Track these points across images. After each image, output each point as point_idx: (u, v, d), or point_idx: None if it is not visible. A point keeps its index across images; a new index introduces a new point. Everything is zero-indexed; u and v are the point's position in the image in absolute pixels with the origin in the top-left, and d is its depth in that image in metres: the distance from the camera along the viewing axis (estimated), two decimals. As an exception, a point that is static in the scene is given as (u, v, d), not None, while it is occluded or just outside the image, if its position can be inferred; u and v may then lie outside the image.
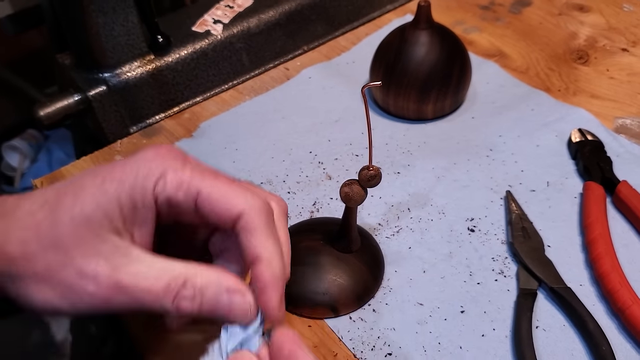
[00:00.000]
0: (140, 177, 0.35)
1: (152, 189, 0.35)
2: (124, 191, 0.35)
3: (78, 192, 0.35)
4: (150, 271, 0.34)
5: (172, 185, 0.35)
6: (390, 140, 0.63)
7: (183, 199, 0.36)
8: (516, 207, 0.55)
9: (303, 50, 0.77)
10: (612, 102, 0.66)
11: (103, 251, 0.34)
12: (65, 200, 0.35)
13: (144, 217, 0.36)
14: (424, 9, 0.62)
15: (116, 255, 0.34)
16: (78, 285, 0.33)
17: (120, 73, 0.64)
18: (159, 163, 0.36)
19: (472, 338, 0.46)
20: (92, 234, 0.34)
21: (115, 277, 0.34)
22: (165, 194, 0.35)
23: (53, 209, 0.35)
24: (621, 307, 0.46)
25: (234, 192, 0.36)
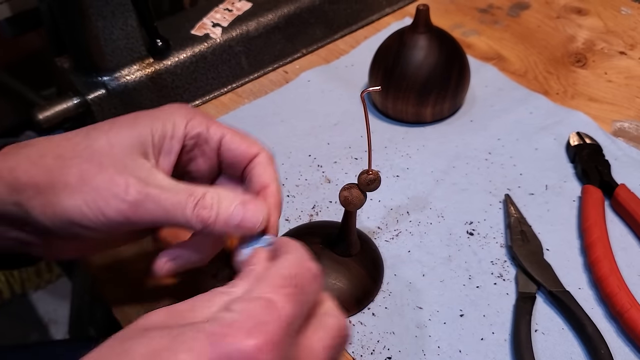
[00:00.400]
0: (173, 115, 0.41)
1: (184, 124, 0.41)
2: (157, 124, 0.40)
3: (113, 123, 0.40)
4: (174, 186, 0.39)
5: (202, 125, 0.42)
6: (389, 143, 0.64)
7: (211, 136, 0.42)
8: (515, 211, 0.55)
9: (302, 53, 0.77)
10: (610, 106, 0.66)
11: (133, 168, 0.38)
12: (102, 127, 0.40)
13: (170, 147, 0.41)
14: (422, 12, 0.62)
15: (145, 173, 0.39)
16: (109, 192, 0.37)
17: (119, 76, 0.65)
18: (188, 111, 0.42)
19: (471, 342, 0.46)
20: (124, 154, 0.39)
21: (143, 187, 0.38)
22: (196, 130, 0.42)
23: (88, 133, 0.40)
24: (619, 310, 0.46)
25: (249, 138, 0.44)
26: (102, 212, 0.37)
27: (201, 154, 0.44)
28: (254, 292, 0.32)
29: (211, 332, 0.29)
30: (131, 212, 0.37)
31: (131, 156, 0.39)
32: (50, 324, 1.42)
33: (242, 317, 0.30)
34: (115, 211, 0.37)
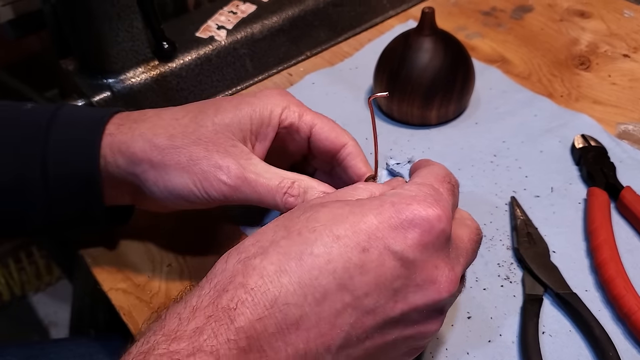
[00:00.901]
0: (270, 103, 0.46)
1: (279, 113, 0.46)
2: (255, 111, 0.45)
3: (218, 107, 0.46)
4: (268, 172, 0.44)
5: (295, 115, 0.47)
6: (394, 145, 0.64)
7: (303, 127, 0.47)
8: (521, 213, 0.55)
9: (306, 56, 0.77)
10: (614, 108, 0.66)
11: (234, 153, 0.44)
12: (208, 112, 0.45)
13: (265, 134, 0.46)
14: (428, 15, 0.62)
15: (244, 158, 0.44)
16: (213, 175, 0.43)
17: (124, 79, 0.65)
18: (283, 98, 0.47)
19: (479, 344, 0.46)
20: (227, 139, 0.44)
21: (242, 172, 0.43)
22: (289, 119, 0.47)
23: (196, 117, 0.45)
24: (627, 312, 0.46)
25: (338, 128, 0.48)
26: (206, 192, 0.43)
27: (292, 140, 0.49)
28: (420, 181, 0.38)
29: (396, 201, 0.35)
30: (230, 193, 0.43)
31: (232, 142, 0.44)
32: (51, 326, 1.42)
33: (420, 194, 0.36)
34: (217, 191, 0.43)
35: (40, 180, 0.45)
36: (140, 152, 0.44)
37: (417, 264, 0.34)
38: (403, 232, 0.34)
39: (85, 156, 0.45)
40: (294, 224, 0.35)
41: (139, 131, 0.45)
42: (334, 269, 0.33)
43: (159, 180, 0.44)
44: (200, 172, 0.43)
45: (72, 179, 0.45)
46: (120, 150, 0.45)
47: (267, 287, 0.32)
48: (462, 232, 0.39)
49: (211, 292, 0.33)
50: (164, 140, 0.44)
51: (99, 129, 0.45)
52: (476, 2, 0.84)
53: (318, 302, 0.33)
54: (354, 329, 0.34)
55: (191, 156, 0.43)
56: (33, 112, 0.47)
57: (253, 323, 0.31)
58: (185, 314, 0.32)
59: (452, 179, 0.40)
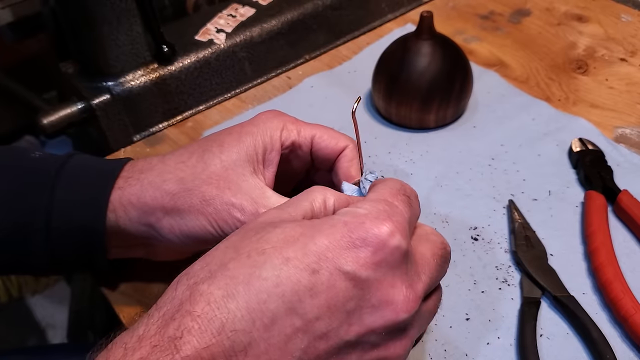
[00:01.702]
0: (268, 129, 0.45)
1: (279, 136, 0.46)
2: (258, 140, 0.45)
3: (222, 144, 0.45)
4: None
5: (294, 132, 0.47)
6: (392, 149, 0.64)
7: (304, 141, 0.47)
8: (519, 216, 0.55)
9: (305, 59, 0.77)
10: (611, 112, 0.67)
11: (246, 188, 0.43)
12: (213, 150, 0.44)
13: (271, 159, 0.46)
14: (426, 19, 0.62)
15: (256, 193, 0.43)
16: (227, 213, 0.42)
17: (124, 82, 0.65)
18: (279, 120, 0.47)
19: (477, 346, 0.47)
20: (236, 175, 0.43)
21: (256, 208, 0.42)
22: (290, 139, 0.46)
23: (202, 156, 0.44)
24: (624, 315, 0.46)
25: (335, 133, 0.48)
26: (223, 230, 0.43)
27: (295, 157, 0.48)
28: (375, 197, 0.37)
29: (348, 221, 0.34)
30: None
31: (243, 177, 0.44)
32: (48, 328, 1.42)
33: (373, 211, 0.35)
34: (232, 229, 0.42)
35: (44, 232, 0.44)
36: (152, 201, 0.43)
37: (371, 284, 0.33)
38: (355, 251, 0.33)
39: (90, 214, 0.44)
40: (244, 245, 0.34)
41: (147, 180, 0.44)
42: (283, 293, 0.32)
43: (174, 226, 0.43)
44: (214, 211, 0.42)
45: (75, 235, 0.45)
46: (131, 203, 0.44)
47: (214, 313, 0.31)
48: (424, 247, 0.38)
49: (159, 321, 0.32)
50: (173, 185, 0.43)
51: (107, 185, 0.45)
52: (474, 6, 0.84)
53: (267, 327, 0.32)
54: (306, 354, 0.33)
55: (204, 196, 0.43)
56: (42, 162, 0.46)
57: (199, 351, 0.30)
58: (131, 343, 0.31)
59: (407, 190, 0.39)
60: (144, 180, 0.44)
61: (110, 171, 0.45)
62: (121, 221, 0.44)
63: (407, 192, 0.39)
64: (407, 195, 0.38)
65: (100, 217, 0.44)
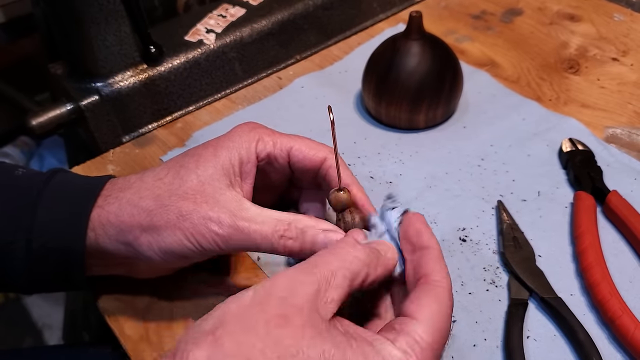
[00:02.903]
0: (244, 142, 0.46)
1: (254, 149, 0.46)
2: (234, 154, 0.45)
3: (198, 159, 0.45)
4: (260, 217, 0.43)
5: (270, 144, 0.47)
6: (382, 149, 0.64)
7: (280, 153, 0.47)
8: (507, 217, 0.55)
9: (296, 59, 0.77)
10: (602, 112, 0.66)
11: (223, 202, 0.43)
12: (189, 165, 0.44)
13: (248, 171, 0.46)
14: (415, 19, 0.62)
15: (233, 205, 0.43)
16: (205, 227, 0.42)
17: (112, 82, 0.64)
18: (255, 132, 0.46)
19: (463, 348, 0.46)
20: (213, 189, 0.43)
21: (234, 221, 0.42)
22: (266, 151, 0.46)
23: (178, 172, 0.44)
24: (611, 317, 0.46)
25: (315, 144, 0.48)
26: (200, 245, 0.42)
27: (273, 169, 0.48)
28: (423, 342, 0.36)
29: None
30: (224, 243, 0.42)
31: (220, 190, 0.43)
32: (45, 328, 1.42)
33: None
34: (211, 243, 0.42)
35: (24, 251, 0.44)
36: (130, 219, 0.43)
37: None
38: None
39: (70, 233, 0.44)
40: None
41: (126, 199, 0.44)
42: None
43: (152, 243, 0.43)
44: (191, 226, 0.42)
45: (55, 255, 0.44)
46: (109, 222, 0.44)
47: None
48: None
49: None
50: (150, 202, 0.43)
51: (88, 204, 0.44)
52: (466, 5, 0.84)
53: None
54: None
55: (180, 212, 0.42)
56: (25, 180, 0.46)
57: None
58: None
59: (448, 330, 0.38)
60: (122, 198, 0.44)
61: (91, 190, 0.45)
62: (100, 240, 0.44)
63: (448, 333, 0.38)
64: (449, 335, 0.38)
65: (80, 236, 0.44)
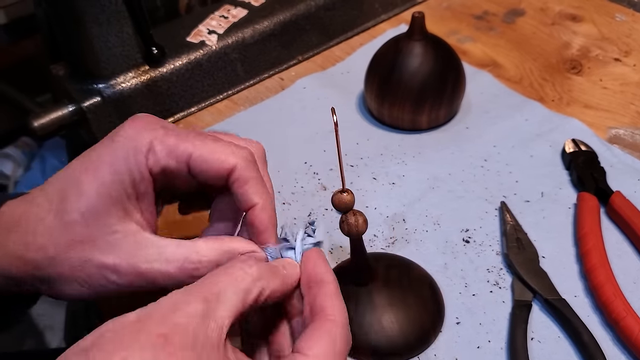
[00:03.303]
0: (131, 155, 0.37)
1: (144, 162, 0.37)
2: (121, 173, 0.37)
3: (79, 187, 0.37)
4: (163, 255, 0.37)
5: (163, 154, 0.37)
6: (385, 150, 0.64)
7: (176, 165, 0.38)
8: (511, 218, 0.55)
9: (298, 60, 0.77)
10: (605, 112, 0.66)
11: (117, 243, 0.37)
12: (70, 199, 0.37)
13: (144, 190, 0.38)
14: (417, 20, 0.62)
15: (130, 244, 0.37)
16: (102, 277, 0.37)
17: (114, 84, 0.64)
18: (143, 136, 0.37)
19: (467, 350, 0.46)
20: (103, 227, 0.37)
21: (133, 266, 0.36)
22: (159, 165, 0.37)
23: (60, 211, 0.37)
24: (616, 318, 0.46)
25: (222, 148, 0.38)
26: (102, 293, 0.38)
27: (175, 179, 0.40)
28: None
29: None
30: (128, 289, 0.38)
31: (111, 228, 0.37)
32: (46, 329, 1.41)
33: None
34: (114, 290, 0.38)
35: None
36: (17, 271, 0.38)
37: None
38: None
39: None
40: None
41: (10, 248, 0.38)
42: None
43: (52, 292, 0.39)
44: (87, 277, 0.37)
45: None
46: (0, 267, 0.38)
47: None
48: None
49: None
50: (36, 254, 0.37)
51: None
52: (468, 6, 0.84)
53: None
54: None
55: (71, 264, 0.37)
56: None
57: None
58: None
59: None
60: (7, 246, 0.38)
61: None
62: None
63: None
64: None
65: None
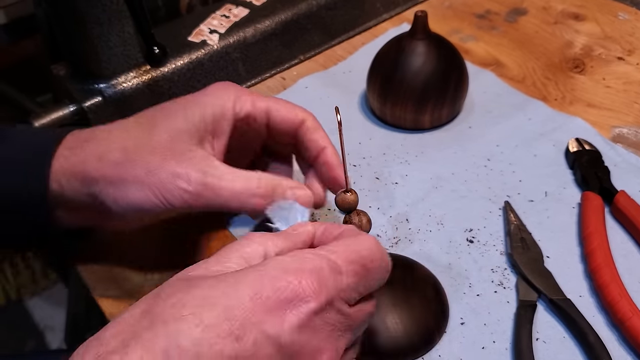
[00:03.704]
0: (219, 99, 0.44)
1: (231, 106, 0.44)
2: (207, 110, 0.43)
3: (169, 114, 0.44)
4: (230, 175, 0.42)
5: (248, 103, 0.45)
6: (387, 150, 0.63)
7: (259, 113, 0.45)
8: (515, 218, 0.54)
9: (299, 59, 0.76)
10: (608, 111, 0.66)
11: (192, 159, 0.42)
12: (159, 120, 0.43)
13: (222, 130, 0.44)
14: (420, 19, 0.62)
15: (203, 163, 0.42)
16: (173, 184, 0.41)
17: (116, 84, 0.64)
18: (232, 90, 0.45)
19: (472, 350, 0.46)
20: (183, 145, 0.42)
21: (202, 178, 0.41)
22: (244, 110, 0.45)
23: (147, 126, 0.43)
24: (621, 318, 0.46)
25: (293, 106, 0.47)
26: (168, 201, 0.42)
27: (250, 130, 0.47)
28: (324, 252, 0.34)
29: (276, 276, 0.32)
30: (193, 200, 0.42)
31: (189, 147, 0.42)
32: (47, 330, 1.41)
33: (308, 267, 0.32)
34: (179, 200, 0.42)
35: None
36: (95, 171, 0.42)
37: (299, 347, 0.32)
38: (282, 315, 0.31)
39: (31, 185, 0.43)
40: (159, 311, 0.30)
41: (91, 150, 0.43)
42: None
43: (118, 197, 0.42)
44: (159, 182, 0.41)
45: (17, 201, 0.44)
46: (74, 173, 0.43)
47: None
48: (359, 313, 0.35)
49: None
50: (117, 155, 0.42)
51: (47, 154, 0.43)
52: (470, 5, 0.83)
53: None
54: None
55: (148, 167, 0.41)
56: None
57: None
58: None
59: (368, 262, 0.35)
60: (87, 149, 0.43)
61: (53, 140, 0.44)
62: (66, 191, 0.43)
63: (368, 265, 0.35)
64: (366, 268, 0.35)
65: (41, 186, 0.43)
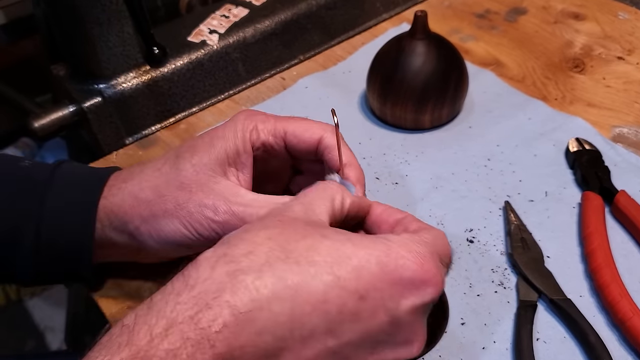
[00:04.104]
0: (239, 131, 0.45)
1: (249, 138, 0.45)
2: (229, 144, 0.45)
3: (194, 149, 0.45)
4: (256, 202, 0.43)
5: (264, 132, 0.46)
6: (387, 150, 0.63)
7: (274, 140, 0.46)
8: (515, 218, 0.54)
9: (299, 59, 0.76)
10: (608, 111, 0.66)
11: (217, 189, 0.43)
12: (185, 155, 0.45)
13: (244, 162, 0.45)
14: (420, 19, 0.61)
15: (228, 192, 0.43)
16: (201, 214, 0.43)
17: (115, 84, 0.64)
18: (250, 120, 0.46)
19: (473, 351, 0.46)
20: (208, 177, 0.44)
21: (229, 207, 0.42)
22: (260, 140, 0.46)
23: (175, 162, 0.45)
24: (622, 318, 0.46)
25: (309, 124, 0.46)
26: (198, 232, 0.43)
27: (271, 157, 0.48)
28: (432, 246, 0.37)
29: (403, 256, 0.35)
30: (221, 229, 0.43)
31: (214, 179, 0.44)
32: (47, 331, 1.41)
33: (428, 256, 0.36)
34: (208, 230, 0.43)
35: (32, 238, 0.45)
36: (130, 210, 0.44)
37: (403, 325, 0.35)
38: (402, 291, 0.34)
39: (80, 223, 0.45)
40: (292, 249, 0.33)
41: (127, 190, 0.45)
42: (328, 311, 0.32)
43: (152, 232, 0.44)
44: (187, 214, 0.43)
45: (63, 242, 0.45)
46: (113, 212, 0.45)
47: (257, 314, 0.30)
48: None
49: (190, 304, 0.30)
50: (149, 193, 0.44)
51: (95, 193, 0.46)
52: (470, 4, 0.83)
53: (303, 340, 0.32)
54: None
55: (177, 201, 0.43)
56: (32, 169, 0.47)
57: (233, 350, 0.30)
58: (157, 328, 0.29)
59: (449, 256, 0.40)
60: (124, 190, 0.45)
61: (98, 180, 0.46)
62: (106, 230, 0.45)
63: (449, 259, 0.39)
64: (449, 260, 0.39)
65: (89, 226, 0.45)
